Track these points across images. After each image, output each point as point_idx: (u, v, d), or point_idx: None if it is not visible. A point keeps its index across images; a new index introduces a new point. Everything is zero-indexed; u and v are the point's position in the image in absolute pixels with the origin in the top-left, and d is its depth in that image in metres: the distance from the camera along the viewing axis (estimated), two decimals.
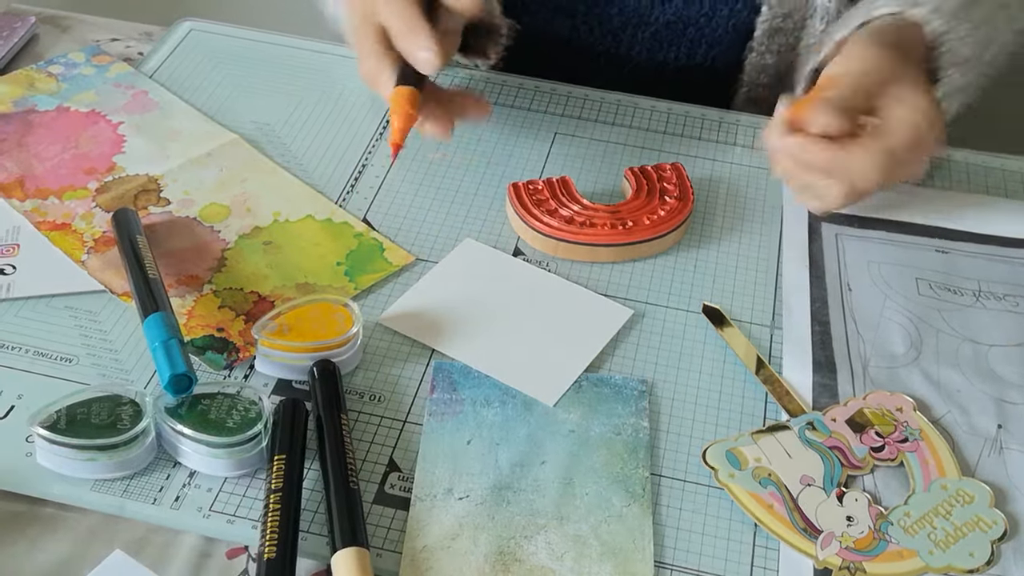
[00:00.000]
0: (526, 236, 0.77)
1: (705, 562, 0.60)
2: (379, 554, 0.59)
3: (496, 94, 0.90)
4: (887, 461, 0.64)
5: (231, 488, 0.62)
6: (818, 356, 0.70)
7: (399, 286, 0.74)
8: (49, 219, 0.76)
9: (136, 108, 0.86)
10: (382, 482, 0.63)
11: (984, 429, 0.67)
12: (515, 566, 0.59)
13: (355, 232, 0.77)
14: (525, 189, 0.78)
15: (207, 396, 0.63)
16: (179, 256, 0.74)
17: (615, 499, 0.62)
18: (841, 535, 0.61)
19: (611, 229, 0.75)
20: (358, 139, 0.85)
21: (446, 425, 0.65)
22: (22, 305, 0.71)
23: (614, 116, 0.88)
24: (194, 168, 0.81)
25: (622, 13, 0.93)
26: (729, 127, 0.88)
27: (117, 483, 0.62)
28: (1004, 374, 0.70)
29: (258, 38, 0.94)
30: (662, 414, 0.67)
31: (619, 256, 0.76)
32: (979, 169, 0.85)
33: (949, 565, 0.60)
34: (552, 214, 0.76)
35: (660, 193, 0.78)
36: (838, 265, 0.77)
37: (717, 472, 0.63)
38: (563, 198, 0.77)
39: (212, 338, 0.69)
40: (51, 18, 0.95)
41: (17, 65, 0.90)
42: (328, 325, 0.68)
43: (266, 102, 0.88)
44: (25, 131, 0.83)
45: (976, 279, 0.76)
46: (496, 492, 0.62)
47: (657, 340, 0.71)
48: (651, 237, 0.76)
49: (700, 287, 0.75)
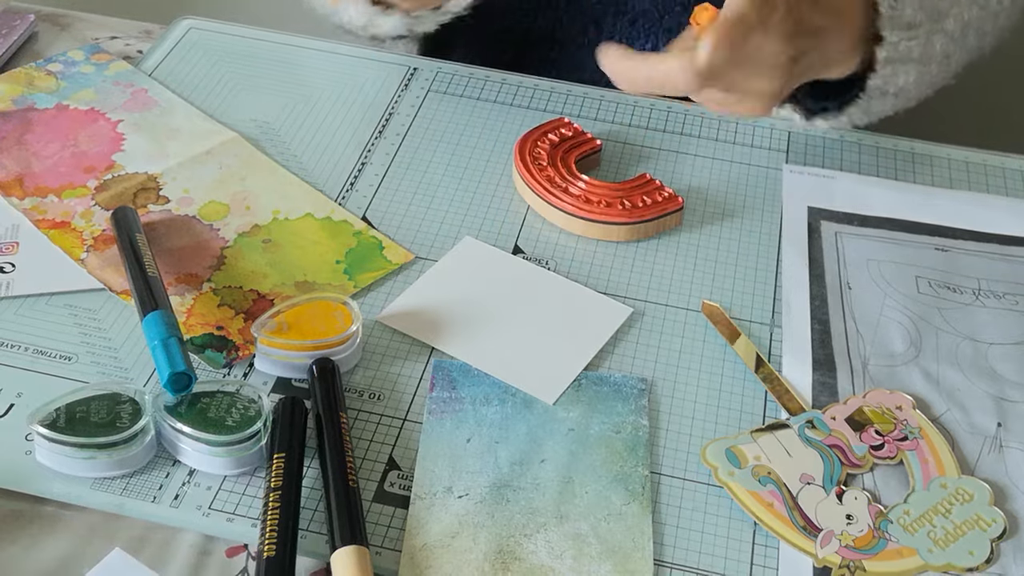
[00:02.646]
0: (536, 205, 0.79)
1: (705, 560, 0.60)
2: (379, 552, 0.59)
3: (496, 92, 0.90)
4: (887, 459, 0.64)
5: (231, 486, 0.62)
6: (818, 354, 0.70)
7: (398, 284, 0.74)
8: (48, 217, 0.76)
9: (135, 106, 0.86)
10: (382, 480, 0.63)
11: (984, 427, 0.67)
12: (515, 564, 0.59)
13: (354, 230, 0.77)
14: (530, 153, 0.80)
15: (206, 394, 0.63)
16: (178, 254, 0.74)
17: (615, 497, 0.62)
18: (841, 533, 0.61)
19: (621, 208, 0.77)
20: (357, 137, 0.85)
21: (446, 423, 0.65)
22: (21, 303, 0.71)
23: (613, 115, 0.88)
24: (193, 166, 0.81)
25: (601, 1, 0.94)
26: (729, 125, 0.88)
27: (116, 481, 0.62)
28: (1004, 372, 0.70)
29: (257, 36, 0.94)
30: (661, 412, 0.67)
31: (631, 235, 0.77)
32: (979, 168, 0.85)
33: (948, 563, 0.60)
34: (564, 191, 0.78)
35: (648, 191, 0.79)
36: (838, 263, 0.77)
37: (717, 470, 0.63)
38: (564, 173, 0.80)
39: (211, 336, 0.69)
40: (50, 16, 0.95)
41: (16, 63, 0.90)
42: (327, 323, 0.68)
43: (265, 100, 0.88)
44: (24, 129, 0.83)
45: (976, 277, 0.76)
46: (496, 490, 0.62)
47: (657, 338, 0.71)
48: (659, 215, 0.77)
49: (699, 285, 0.75)
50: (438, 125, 0.87)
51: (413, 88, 0.90)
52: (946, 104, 1.48)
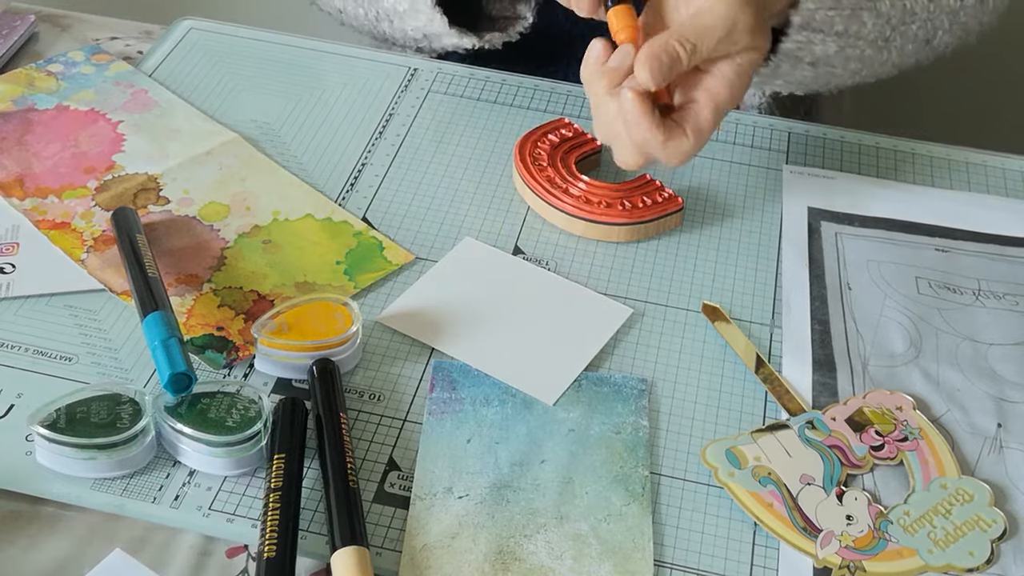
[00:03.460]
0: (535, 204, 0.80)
1: (705, 561, 0.60)
2: (379, 553, 0.59)
3: (496, 93, 0.90)
4: (887, 460, 0.64)
5: (231, 487, 0.62)
6: (818, 355, 0.70)
7: (398, 285, 0.74)
8: (48, 218, 0.76)
9: (135, 107, 0.86)
10: (382, 481, 0.63)
11: (984, 428, 0.67)
12: (515, 565, 0.59)
13: (354, 231, 0.77)
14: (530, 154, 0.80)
15: (207, 395, 0.63)
16: (178, 255, 0.74)
17: (615, 498, 0.62)
18: (841, 534, 0.61)
19: (621, 208, 0.77)
20: (357, 138, 0.85)
21: (446, 424, 0.65)
22: (21, 304, 0.71)
23: None
24: (193, 167, 0.81)
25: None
26: (728, 126, 0.88)
27: (117, 482, 0.62)
28: (1004, 373, 0.70)
29: (258, 37, 0.94)
30: (662, 413, 0.67)
31: (631, 235, 0.77)
32: (979, 168, 0.85)
33: (949, 564, 0.60)
34: (565, 192, 0.78)
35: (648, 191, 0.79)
36: (838, 264, 0.77)
37: (717, 471, 0.63)
38: (564, 174, 0.80)
39: (211, 337, 0.69)
40: (50, 17, 0.95)
41: (16, 64, 0.90)
42: (328, 324, 0.68)
43: (266, 101, 0.88)
44: (24, 130, 0.83)
45: (976, 278, 0.76)
46: (496, 491, 0.62)
47: (657, 339, 0.71)
48: (659, 215, 0.77)
49: (700, 286, 0.75)
50: (438, 125, 0.87)
51: (413, 88, 0.90)
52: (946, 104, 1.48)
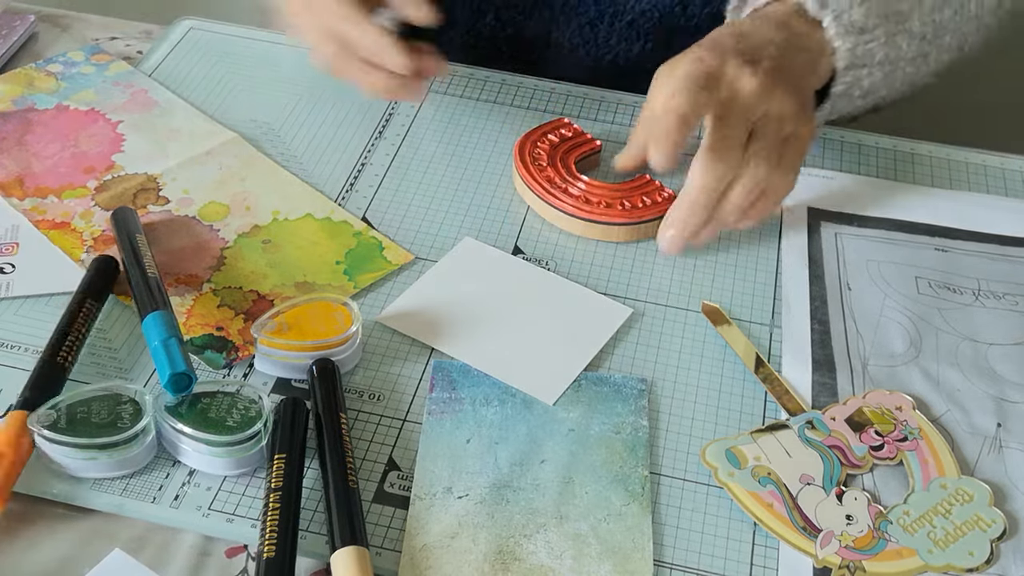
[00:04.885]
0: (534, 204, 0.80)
1: (704, 561, 0.60)
2: (378, 553, 0.59)
3: (496, 93, 0.90)
4: (886, 460, 0.64)
5: (231, 487, 0.62)
6: (817, 355, 0.70)
7: (398, 285, 0.74)
8: (48, 218, 0.76)
9: (135, 107, 0.86)
10: (381, 481, 0.63)
11: (983, 428, 0.67)
12: (514, 565, 0.59)
13: (354, 231, 0.77)
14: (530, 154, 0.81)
15: (207, 395, 0.63)
16: (178, 255, 0.74)
17: (614, 498, 0.62)
18: (840, 534, 0.61)
19: (621, 208, 0.77)
20: (357, 138, 0.85)
21: (445, 424, 0.65)
22: (21, 304, 0.71)
23: (613, 115, 0.88)
24: (193, 167, 0.81)
25: (598, 3, 0.94)
26: None
27: (117, 482, 0.62)
28: (1003, 373, 0.70)
29: (257, 37, 0.94)
30: (661, 413, 0.67)
31: (631, 235, 0.77)
32: (979, 168, 0.85)
33: (948, 564, 0.60)
34: (564, 191, 0.78)
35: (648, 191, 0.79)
36: (838, 264, 0.77)
37: (716, 471, 0.64)
38: (564, 174, 0.80)
39: (211, 337, 0.69)
40: (50, 16, 0.95)
41: (16, 64, 0.90)
42: (327, 324, 0.68)
43: (265, 101, 0.88)
44: (24, 130, 0.83)
45: (976, 278, 0.76)
46: (495, 491, 0.62)
47: (657, 339, 0.71)
48: (659, 215, 0.77)
49: (699, 286, 0.75)
50: (438, 125, 0.87)
51: None
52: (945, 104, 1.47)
